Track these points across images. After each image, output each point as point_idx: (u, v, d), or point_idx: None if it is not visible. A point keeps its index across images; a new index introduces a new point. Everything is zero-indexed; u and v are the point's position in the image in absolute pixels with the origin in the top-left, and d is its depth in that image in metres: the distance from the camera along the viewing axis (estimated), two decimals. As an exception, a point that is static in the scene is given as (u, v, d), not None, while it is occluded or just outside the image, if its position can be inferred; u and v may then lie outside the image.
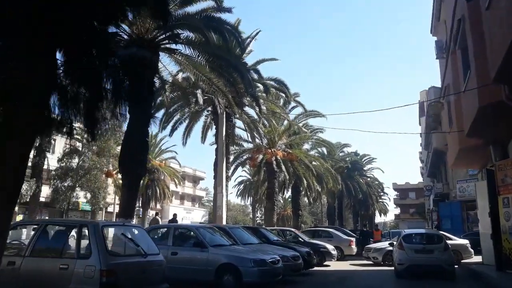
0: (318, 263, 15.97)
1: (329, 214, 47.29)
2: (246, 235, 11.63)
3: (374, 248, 17.02)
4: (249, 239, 11.33)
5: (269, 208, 26.16)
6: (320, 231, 21.83)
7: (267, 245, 11.50)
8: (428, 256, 11.82)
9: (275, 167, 24.57)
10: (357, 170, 49.78)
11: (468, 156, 13.80)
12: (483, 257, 14.73)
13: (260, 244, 11.15)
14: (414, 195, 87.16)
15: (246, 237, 11.40)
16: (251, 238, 11.60)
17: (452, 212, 29.49)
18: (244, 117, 22.24)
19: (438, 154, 32.29)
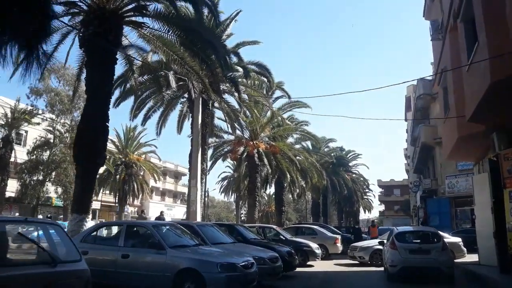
0: (301, 263, 14.57)
1: (313, 210, 46.05)
2: (218, 234, 10.06)
3: (360, 247, 15.65)
4: (221, 239, 9.77)
5: (250, 204, 24.65)
6: (303, 228, 20.41)
7: (242, 245, 9.95)
8: (424, 256, 10.43)
9: (256, 160, 23.01)
10: (342, 165, 48.67)
11: (466, 146, 12.47)
12: (480, 257, 13.48)
13: (234, 244, 9.58)
14: (399, 192, 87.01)
15: (218, 236, 9.84)
16: (224, 237, 10.03)
17: (441, 209, 28.42)
18: (224, 105, 20.59)
19: (426, 148, 31.25)
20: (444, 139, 14.97)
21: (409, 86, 50.57)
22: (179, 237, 8.21)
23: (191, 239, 8.29)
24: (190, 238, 8.34)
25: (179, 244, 7.71)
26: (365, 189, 65.08)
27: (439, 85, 14.48)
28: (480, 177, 13.67)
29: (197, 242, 8.26)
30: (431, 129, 30.24)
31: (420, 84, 31.23)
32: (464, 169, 27.31)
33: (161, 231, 7.85)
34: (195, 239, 8.41)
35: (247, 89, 20.19)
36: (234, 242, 9.82)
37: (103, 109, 11.85)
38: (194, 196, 15.79)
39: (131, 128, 42.29)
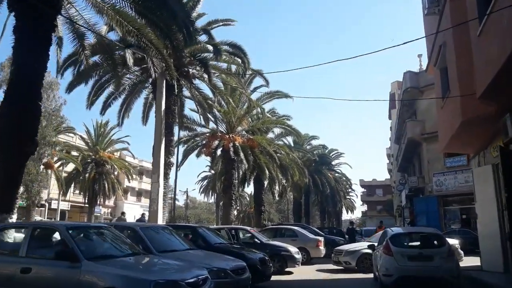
0: (278, 269, 12.62)
1: (295, 210, 44.12)
2: (170, 239, 7.94)
3: (346, 251, 13.80)
4: (173, 245, 7.65)
5: (226, 204, 22.54)
6: (283, 229, 18.44)
7: (200, 253, 7.84)
8: (425, 264, 8.56)
9: (232, 154, 20.90)
10: (325, 164, 46.98)
11: (469, 133, 10.67)
12: (483, 261, 11.73)
13: (189, 252, 7.46)
14: (381, 192, 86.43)
15: (169, 242, 7.73)
16: (178, 243, 7.90)
17: (428, 208, 26.96)
18: (194, 92, 18.43)
19: (413, 145, 29.78)
20: (441, 128, 13.19)
21: (393, 82, 49.49)
22: (107, 245, 6.06)
23: (125, 247, 6.15)
24: (124, 246, 6.19)
25: (103, 254, 5.56)
26: (348, 188, 63.74)
27: (436, 65, 12.67)
28: (482, 170, 11.93)
29: (134, 251, 6.11)
30: (418, 124, 28.77)
31: (407, 77, 29.75)
32: (453, 166, 25.87)
33: (79, 236, 5.69)
34: (132, 247, 6.26)
35: (221, 75, 18.06)
36: (190, 249, 7.69)
37: (35, 85, 9.59)
38: (155, 193, 13.60)
39: (103, 123, 39.72)
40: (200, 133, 23.23)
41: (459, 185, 25.15)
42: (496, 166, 11.29)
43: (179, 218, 75.73)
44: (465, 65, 9.68)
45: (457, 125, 10.33)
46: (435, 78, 13.58)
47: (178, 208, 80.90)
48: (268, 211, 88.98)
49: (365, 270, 12.78)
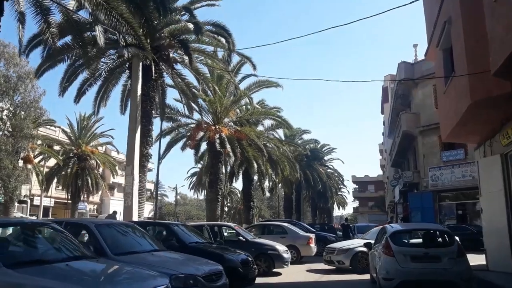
0: (265, 270, 11.50)
1: (286, 206, 42.95)
2: (133, 238, 6.68)
3: (338, 249, 12.64)
4: (134, 246, 6.39)
5: (212, 199, 21.26)
6: (272, 226, 17.26)
7: (168, 254, 6.59)
8: (432, 266, 7.44)
9: (218, 146, 19.62)
10: (317, 159, 45.93)
11: (477, 118, 9.56)
12: (489, 261, 10.67)
13: (152, 254, 6.20)
14: (373, 188, 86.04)
15: (129, 242, 6.47)
16: (142, 242, 6.63)
17: (423, 204, 25.98)
18: (177, 80, 17.11)
19: (408, 138, 28.76)
20: (444, 116, 12.07)
21: (386, 75, 48.48)
22: (42, 247, 4.80)
23: (68, 249, 4.88)
24: (67, 248, 4.92)
25: (30, 260, 4.30)
26: (340, 184, 62.87)
27: (438, 46, 11.53)
28: (489, 160, 10.84)
29: (77, 254, 4.85)
30: (413, 116, 27.75)
31: (401, 68, 28.68)
32: (450, 160, 24.98)
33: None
34: (77, 249, 4.99)
35: (206, 60, 16.72)
36: (156, 251, 6.44)
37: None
38: (129, 187, 12.31)
39: (86, 116, 38.18)
40: (183, 124, 21.88)
41: (456, 180, 24.24)
42: (505, 156, 10.22)
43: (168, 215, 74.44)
44: (475, 40, 8.55)
45: (463, 109, 9.19)
46: (437, 61, 12.44)
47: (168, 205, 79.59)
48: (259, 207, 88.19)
49: (360, 270, 11.68)
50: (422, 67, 27.53)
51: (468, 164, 23.65)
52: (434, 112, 25.94)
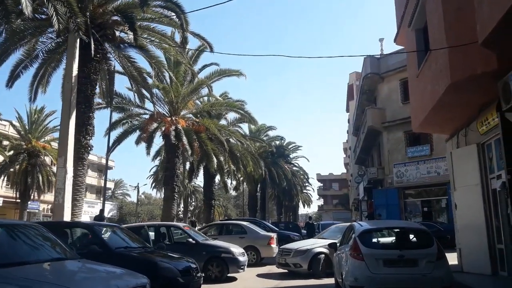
0: (217, 276, 10.07)
1: (251, 204, 41.65)
2: (30, 245, 5.03)
3: (295, 250, 11.11)
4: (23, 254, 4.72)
5: (168, 197, 19.57)
6: (230, 225, 15.88)
7: (74, 265, 4.98)
8: (409, 271, 6.28)
9: (173, 139, 17.96)
10: (282, 156, 44.95)
11: (454, 103, 8.56)
12: (464, 262, 9.72)
13: (49, 265, 4.59)
14: (337, 186, 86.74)
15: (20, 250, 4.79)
16: (40, 249, 5.00)
17: (388, 201, 25.43)
18: (126, 64, 15.29)
19: (373, 134, 28.16)
20: (416, 102, 11.06)
21: (352, 73, 48.34)
22: None
23: None
24: None
25: None
26: (305, 182, 62.43)
27: (411, 26, 10.52)
28: (465, 151, 9.90)
29: None
30: (379, 112, 27.12)
31: (367, 62, 28.02)
32: (415, 156, 24.51)
33: None
34: None
35: (160, 43, 15.00)
36: (59, 259, 4.84)
37: None
38: (61, 182, 10.52)
39: (37, 109, 35.32)
40: (135, 114, 19.97)
41: (421, 176, 23.77)
42: (482, 145, 9.30)
43: (129, 215, 71.46)
44: (456, 8, 7.49)
45: (441, 91, 8.13)
46: (409, 43, 11.44)
47: (130, 204, 76.48)
48: (224, 206, 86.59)
49: (320, 274, 10.43)
50: (388, 61, 27.01)
51: (433, 160, 23.26)
52: (400, 107, 25.53)
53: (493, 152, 8.78)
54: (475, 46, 6.92)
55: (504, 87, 6.99)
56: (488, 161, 9.11)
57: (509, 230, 7.92)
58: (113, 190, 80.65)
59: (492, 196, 8.83)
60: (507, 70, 6.82)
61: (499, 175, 8.44)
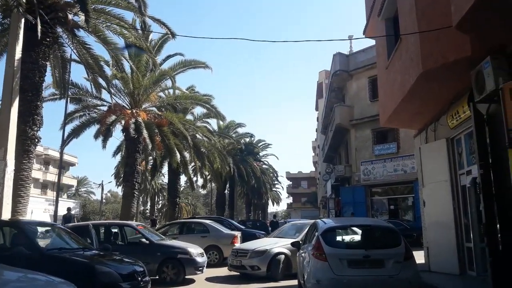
0: (173, 279, 9.29)
1: (219, 203, 40.73)
2: None
3: (252, 251, 9.94)
4: None
5: (127, 195, 18.50)
6: (192, 224, 15.10)
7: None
8: (375, 272, 5.75)
9: (132, 132, 16.93)
10: (251, 154, 44.31)
11: (424, 95, 8.15)
12: (431, 261, 9.38)
13: None
14: (306, 184, 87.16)
15: None
16: None
17: (355, 198, 25.34)
18: (81, 50, 14.15)
19: (341, 132, 28.06)
20: (386, 94, 10.64)
21: (321, 71, 48.43)
22: None
23: None
24: None
25: None
26: (274, 180, 62.17)
27: (380, 16, 10.09)
28: (434, 146, 9.56)
29: None
30: (347, 109, 27.01)
31: (336, 60, 27.82)
32: (382, 154, 24.52)
33: None
34: None
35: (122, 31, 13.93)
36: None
37: None
38: (0, 176, 9.45)
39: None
40: (91, 106, 18.72)
41: (387, 174, 23.78)
42: (451, 140, 8.97)
43: (93, 214, 68.97)
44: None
45: (412, 81, 7.69)
46: (378, 33, 11.01)
47: (94, 203, 73.78)
48: (193, 204, 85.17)
49: (279, 277, 9.57)
50: (357, 58, 26.94)
51: (400, 158, 23.30)
52: (368, 105, 25.47)
53: (463, 147, 8.46)
54: (448, 33, 6.52)
55: (477, 77, 6.59)
56: (457, 156, 8.80)
57: (478, 228, 7.59)
58: (77, 187, 77.78)
59: (461, 193, 8.52)
60: (480, 58, 6.42)
61: (468, 171, 8.13)
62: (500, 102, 5.89)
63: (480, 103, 6.60)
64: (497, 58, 6.20)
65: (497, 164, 6.34)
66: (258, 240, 11.83)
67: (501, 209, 6.14)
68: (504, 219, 6.04)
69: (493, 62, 6.17)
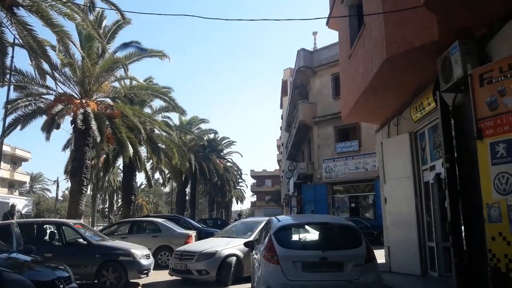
0: (113, 284, 8.39)
1: (179, 201, 39.37)
2: None
3: (200, 253, 8.71)
4: None
5: (74, 191, 17.10)
6: (143, 223, 14.06)
7: None
8: (333, 277, 5.12)
9: (80, 123, 15.61)
10: (215, 151, 43.31)
11: (388, 84, 7.66)
12: (392, 261, 8.95)
13: None
14: (270, 183, 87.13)
15: None
16: None
17: (317, 196, 25.07)
18: (22, 32, 12.77)
19: (304, 129, 27.76)
20: (348, 86, 10.12)
21: (286, 69, 48.17)
22: None
23: None
24: None
25: None
26: (239, 178, 61.40)
27: (343, 2, 9.56)
28: (397, 140, 9.15)
29: None
30: (310, 106, 26.71)
31: (300, 56, 27.46)
32: (344, 151, 24.37)
33: None
34: None
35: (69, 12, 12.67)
36: None
37: None
38: None
39: None
40: (35, 94, 17.12)
41: (349, 172, 23.66)
42: (415, 134, 8.56)
43: (47, 211, 65.46)
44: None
45: (375, 69, 7.16)
46: (342, 23, 10.49)
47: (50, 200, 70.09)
48: (155, 203, 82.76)
49: (227, 282, 8.55)
50: (320, 55, 26.71)
51: (362, 156, 23.23)
52: (331, 102, 25.25)
53: (426, 141, 8.06)
54: (414, 16, 6.04)
55: (444, 64, 6.12)
56: (420, 151, 8.40)
57: (441, 226, 7.18)
58: (31, 184, 73.84)
59: (424, 190, 8.12)
60: (447, 44, 5.96)
61: (432, 167, 7.72)
62: (468, 90, 5.44)
63: (446, 92, 6.15)
64: (466, 43, 5.76)
65: (463, 158, 5.90)
66: (206, 240, 10.62)
67: (467, 206, 5.69)
68: (470, 217, 5.60)
69: (462, 47, 5.71)
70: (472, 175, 5.47)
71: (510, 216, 4.61)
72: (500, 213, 4.71)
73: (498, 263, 4.69)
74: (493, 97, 4.98)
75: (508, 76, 4.82)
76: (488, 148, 4.98)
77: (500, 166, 4.81)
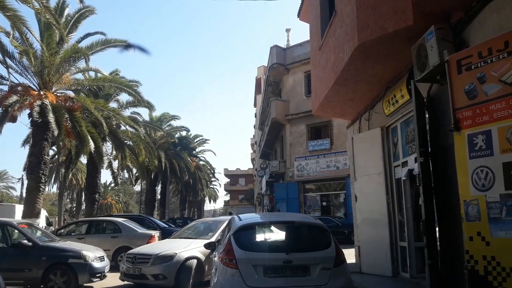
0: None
1: (148, 199, 38.14)
2: None
3: (156, 256, 7.82)
4: None
5: (31, 188, 15.95)
6: (102, 222, 13.18)
7: None
8: (298, 282, 4.59)
9: (36, 116, 14.55)
10: (187, 149, 42.28)
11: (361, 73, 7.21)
12: (362, 262, 8.55)
13: None
14: (244, 181, 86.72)
15: None
16: None
17: (289, 195, 24.76)
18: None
19: (276, 127, 27.41)
20: (319, 78, 9.63)
21: (260, 67, 47.69)
22: None
23: None
24: None
25: None
26: (212, 177, 60.52)
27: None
28: (368, 135, 8.75)
29: None
30: (283, 104, 26.33)
31: (273, 53, 27.04)
32: (315, 150, 24.10)
33: None
34: None
35: None
36: None
37: None
38: None
39: None
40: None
41: (320, 170, 23.41)
42: (387, 129, 8.18)
43: (10, 211, 62.55)
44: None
45: (346, 58, 6.70)
46: (313, 12, 10.03)
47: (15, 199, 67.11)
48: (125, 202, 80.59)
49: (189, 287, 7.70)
50: (293, 52, 26.38)
51: (333, 154, 23.02)
52: (303, 100, 24.94)
53: (399, 136, 7.68)
54: (388, 0, 5.61)
55: (418, 52, 5.72)
56: (392, 146, 8.03)
57: (414, 225, 6.81)
58: (2, 185, 70.95)
59: (396, 187, 7.74)
60: (422, 31, 5.55)
61: (404, 163, 7.35)
62: (445, 80, 5.04)
63: (421, 82, 5.74)
64: (442, 28, 5.36)
65: (438, 152, 5.51)
66: (164, 241, 9.80)
67: (442, 204, 5.30)
68: (445, 215, 5.20)
69: (437, 33, 5.31)
70: (448, 171, 5.08)
71: (490, 214, 4.21)
72: (478, 210, 4.31)
73: (476, 265, 4.29)
74: (472, 85, 4.57)
75: (488, 61, 4.42)
76: (466, 140, 4.57)
77: (479, 159, 4.41)
